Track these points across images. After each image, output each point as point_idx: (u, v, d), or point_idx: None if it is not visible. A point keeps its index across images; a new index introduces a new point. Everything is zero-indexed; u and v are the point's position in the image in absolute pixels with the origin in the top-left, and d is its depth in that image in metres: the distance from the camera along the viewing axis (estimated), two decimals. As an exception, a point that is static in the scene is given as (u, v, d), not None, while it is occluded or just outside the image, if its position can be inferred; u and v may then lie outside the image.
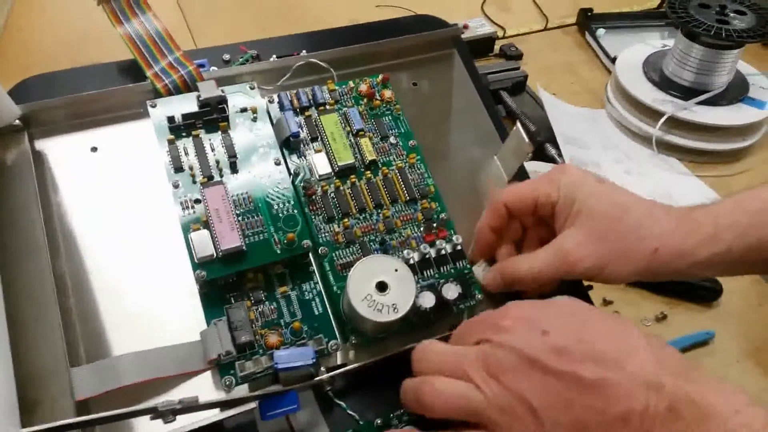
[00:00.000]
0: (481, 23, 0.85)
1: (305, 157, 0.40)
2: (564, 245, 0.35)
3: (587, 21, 0.89)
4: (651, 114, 0.72)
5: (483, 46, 0.84)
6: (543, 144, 0.69)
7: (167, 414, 0.25)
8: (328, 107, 0.42)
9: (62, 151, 0.39)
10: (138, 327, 0.35)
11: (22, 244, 0.36)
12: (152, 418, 0.25)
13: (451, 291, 0.36)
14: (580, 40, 0.90)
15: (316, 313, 0.36)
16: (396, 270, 0.35)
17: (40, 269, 0.35)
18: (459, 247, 0.39)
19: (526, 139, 0.39)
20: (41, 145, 0.39)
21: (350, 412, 0.35)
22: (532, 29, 0.92)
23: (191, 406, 0.26)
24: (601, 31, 0.88)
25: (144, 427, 0.32)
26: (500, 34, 0.88)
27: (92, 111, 0.39)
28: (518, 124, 0.40)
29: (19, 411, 0.30)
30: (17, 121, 0.37)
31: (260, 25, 0.89)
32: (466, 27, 0.83)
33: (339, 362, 0.35)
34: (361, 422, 0.34)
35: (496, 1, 0.97)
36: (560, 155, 0.68)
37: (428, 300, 0.35)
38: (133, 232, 0.37)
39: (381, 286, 0.34)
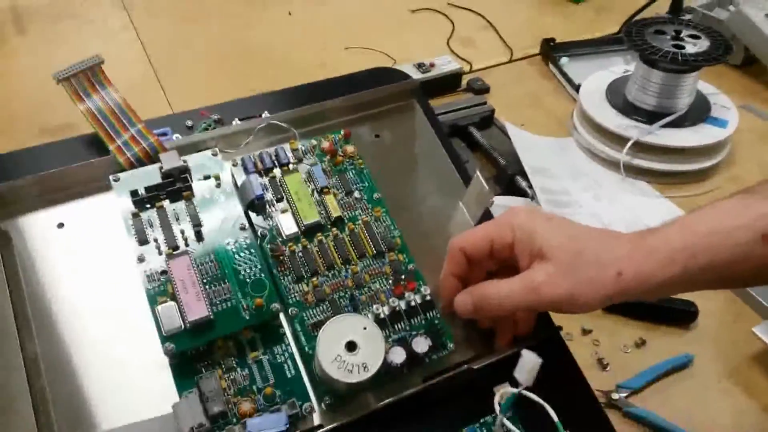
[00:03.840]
0: (447, 60, 0.87)
1: (271, 218, 0.40)
2: (534, 276, 0.35)
3: (550, 51, 0.92)
4: (617, 139, 0.73)
5: (450, 82, 0.86)
6: (513, 177, 0.70)
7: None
8: (291, 167, 0.43)
9: (28, 230, 0.39)
10: (112, 403, 0.35)
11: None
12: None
13: (421, 344, 0.36)
14: (544, 70, 0.93)
15: (289, 376, 0.36)
16: (365, 328, 0.35)
17: (10, 355, 0.35)
18: (428, 298, 0.39)
19: (486, 187, 0.40)
20: (6, 225, 0.39)
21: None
22: (498, 62, 0.94)
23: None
24: (564, 60, 0.90)
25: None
26: (466, 69, 0.90)
27: (58, 187, 0.40)
28: (477, 173, 0.41)
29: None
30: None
31: (229, 69, 0.90)
32: (432, 65, 0.85)
33: (315, 424, 0.36)
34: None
35: (460, 37, 0.99)
36: (530, 187, 0.69)
37: (398, 356, 0.35)
38: (102, 307, 0.37)
39: (350, 346, 0.35)
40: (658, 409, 0.52)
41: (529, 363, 0.33)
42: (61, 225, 0.39)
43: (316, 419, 0.36)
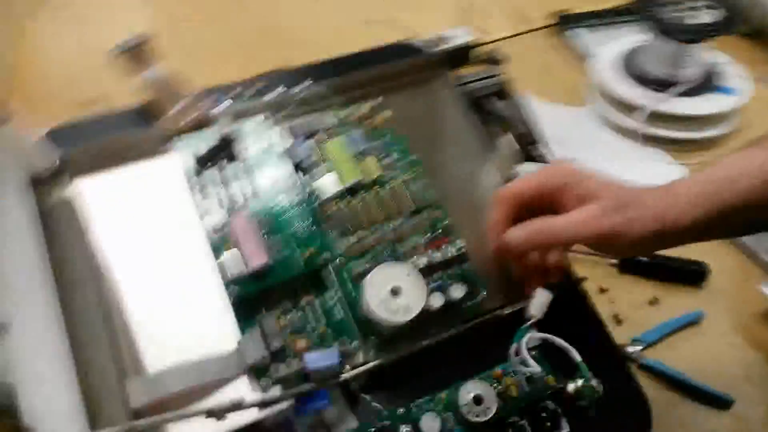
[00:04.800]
0: (460, 32, 0.89)
1: (317, 178, 0.44)
2: (584, 212, 0.38)
3: (564, 21, 0.94)
4: (632, 109, 0.76)
5: (463, 54, 0.88)
6: (532, 144, 0.73)
7: (221, 413, 0.29)
8: (333, 131, 0.46)
9: (99, 189, 0.43)
10: (177, 343, 0.39)
11: (69, 275, 0.39)
12: (207, 417, 0.29)
13: (457, 291, 0.40)
14: (558, 41, 0.95)
15: (338, 318, 0.40)
16: (407, 275, 0.39)
17: (89, 298, 0.39)
18: (462, 251, 0.43)
19: (516, 146, 0.43)
20: (81, 184, 0.42)
21: (374, 404, 0.39)
22: (511, 33, 0.96)
23: (239, 405, 0.30)
24: (578, 31, 0.92)
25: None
26: (480, 40, 0.92)
27: (124, 150, 0.43)
28: (508, 133, 0.44)
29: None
30: (55, 166, 0.41)
31: (251, 50, 0.92)
32: (444, 38, 0.87)
33: (361, 361, 0.40)
34: (384, 412, 0.38)
35: (474, 9, 1.01)
36: (547, 154, 0.72)
37: (437, 300, 0.39)
38: (169, 256, 0.41)
39: (394, 291, 0.38)
40: (671, 362, 0.56)
41: (541, 298, 0.37)
42: (124, 187, 0.43)
43: (363, 357, 0.40)
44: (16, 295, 0.32)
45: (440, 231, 0.44)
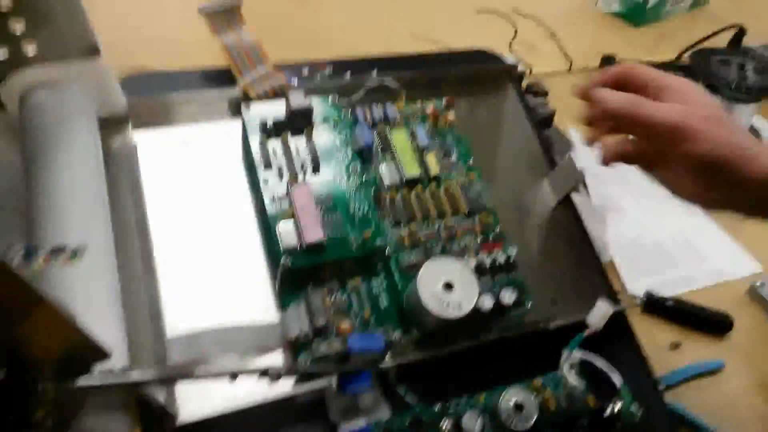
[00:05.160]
0: (509, 60, 0.91)
1: (376, 166, 0.44)
2: (683, 108, 0.37)
3: (608, 65, 0.95)
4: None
5: (521, 78, 0.89)
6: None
7: (274, 376, 0.29)
8: (397, 123, 0.46)
9: (157, 143, 0.43)
10: (216, 305, 0.38)
11: (119, 226, 0.39)
12: (260, 377, 0.29)
13: (508, 296, 0.40)
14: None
15: (383, 306, 0.40)
16: (461, 272, 0.38)
17: (134, 249, 0.39)
18: (512, 260, 0.43)
19: (578, 167, 0.43)
20: (139, 135, 0.42)
21: (407, 399, 0.38)
22: (557, 70, 0.97)
23: (294, 369, 0.30)
24: (622, 77, 0.93)
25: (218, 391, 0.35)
26: (527, 72, 0.93)
27: (187, 109, 0.43)
28: (570, 154, 0.44)
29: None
30: (124, 112, 0.41)
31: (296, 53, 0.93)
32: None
33: (401, 352, 0.39)
34: (418, 407, 0.37)
35: (523, 41, 1.02)
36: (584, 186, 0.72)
37: (488, 302, 0.39)
38: (214, 220, 0.41)
39: (448, 285, 0.38)
40: (689, 407, 0.55)
41: (601, 309, 0.36)
42: (185, 143, 0.43)
43: (402, 349, 0.39)
44: (81, 225, 0.31)
45: (492, 237, 0.43)
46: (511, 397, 0.37)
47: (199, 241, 0.40)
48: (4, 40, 0.33)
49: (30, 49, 0.34)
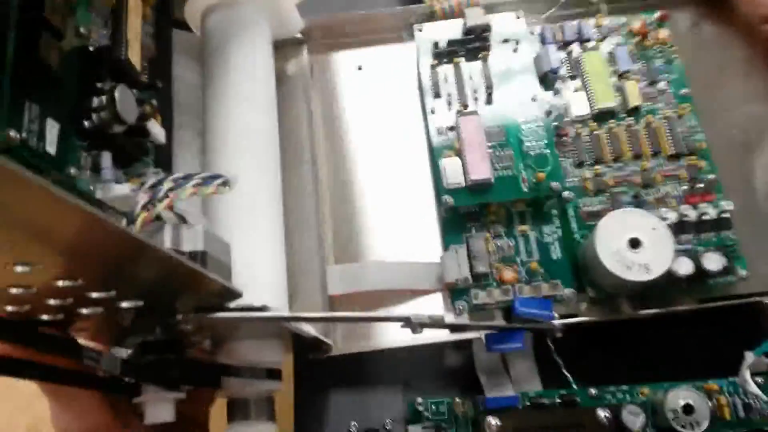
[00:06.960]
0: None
1: (562, 96, 0.38)
2: None
3: None
4: None
5: None
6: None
7: (416, 326, 0.27)
8: (593, 44, 0.39)
9: (331, 67, 0.42)
10: (381, 239, 0.37)
11: (292, 153, 0.39)
12: (402, 327, 0.27)
13: (713, 261, 0.32)
14: None
15: (554, 258, 0.35)
16: (654, 228, 0.32)
17: (304, 176, 0.39)
18: (726, 215, 0.34)
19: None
20: (314, 59, 0.41)
21: (566, 374, 0.33)
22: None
23: (437, 322, 0.27)
24: None
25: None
26: None
27: (363, 30, 0.41)
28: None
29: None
30: (298, 35, 0.40)
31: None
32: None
33: (570, 312, 0.34)
34: (575, 387, 0.33)
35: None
36: None
37: (685, 266, 0.32)
38: (386, 150, 0.39)
39: (634, 243, 0.32)
40: None
41: None
42: (360, 68, 0.41)
43: (572, 308, 0.34)
44: (248, 154, 0.32)
45: (702, 185, 0.35)
46: (682, 396, 0.31)
47: (371, 171, 0.39)
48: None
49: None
